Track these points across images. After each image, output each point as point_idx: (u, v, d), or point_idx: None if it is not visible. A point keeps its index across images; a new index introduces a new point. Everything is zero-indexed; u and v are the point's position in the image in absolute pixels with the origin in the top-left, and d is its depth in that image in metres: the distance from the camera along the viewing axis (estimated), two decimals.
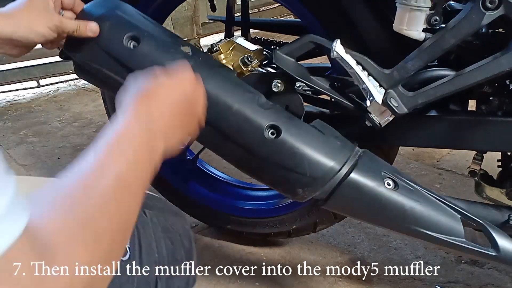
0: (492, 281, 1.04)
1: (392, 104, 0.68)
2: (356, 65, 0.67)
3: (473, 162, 0.83)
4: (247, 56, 0.77)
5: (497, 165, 0.83)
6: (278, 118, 0.69)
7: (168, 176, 1.16)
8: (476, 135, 0.76)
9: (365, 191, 0.67)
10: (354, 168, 0.68)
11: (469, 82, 0.66)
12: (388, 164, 0.73)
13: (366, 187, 0.67)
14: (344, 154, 0.69)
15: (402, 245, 1.16)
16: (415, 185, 0.70)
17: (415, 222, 0.67)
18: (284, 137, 0.68)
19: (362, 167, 0.68)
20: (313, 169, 0.67)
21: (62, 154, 1.75)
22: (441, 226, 0.67)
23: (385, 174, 0.69)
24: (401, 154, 1.53)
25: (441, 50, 0.66)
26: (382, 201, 0.67)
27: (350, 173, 0.68)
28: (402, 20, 0.67)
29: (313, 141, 0.69)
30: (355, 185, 0.67)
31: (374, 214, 0.69)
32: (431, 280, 1.04)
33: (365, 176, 0.68)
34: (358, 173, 0.68)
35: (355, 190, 0.67)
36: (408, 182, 0.70)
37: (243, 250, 1.18)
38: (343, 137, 0.72)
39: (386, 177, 0.69)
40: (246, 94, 0.70)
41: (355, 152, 0.70)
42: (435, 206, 0.68)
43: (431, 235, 0.67)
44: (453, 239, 0.67)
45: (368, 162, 0.70)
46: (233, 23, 1.01)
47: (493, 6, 0.61)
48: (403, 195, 0.68)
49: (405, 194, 0.68)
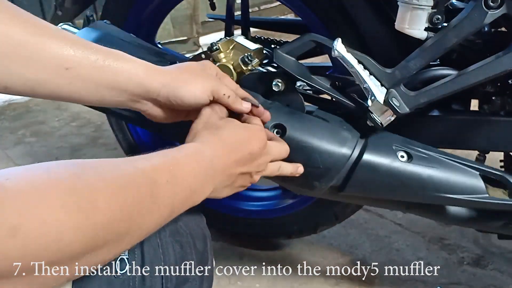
0: (494, 282, 1.03)
1: (393, 103, 0.67)
2: (357, 64, 0.67)
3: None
4: (247, 55, 0.77)
5: (499, 165, 0.83)
6: (280, 116, 0.68)
7: None
8: (479, 135, 0.75)
9: (381, 169, 0.67)
10: (365, 148, 0.68)
11: (472, 82, 0.65)
12: (398, 136, 0.73)
13: (381, 165, 0.67)
14: (352, 137, 0.69)
15: (404, 246, 1.15)
16: (428, 151, 0.69)
17: (436, 189, 0.67)
18: (290, 134, 0.67)
19: (373, 146, 0.68)
20: (325, 160, 0.67)
21: (61, 155, 1.74)
22: (462, 186, 0.67)
23: (397, 147, 0.69)
24: None
25: (443, 49, 0.65)
26: (399, 175, 0.67)
27: (363, 154, 0.67)
28: (404, 18, 0.66)
29: (319, 132, 0.68)
30: (370, 165, 0.67)
31: (393, 190, 0.69)
32: (432, 282, 1.04)
33: (378, 154, 0.68)
34: (370, 152, 0.68)
35: (371, 170, 0.67)
36: (421, 150, 0.69)
37: (243, 252, 1.17)
38: (346, 122, 0.72)
39: (399, 150, 0.69)
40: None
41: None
42: (452, 168, 0.68)
43: (454, 198, 0.67)
44: (477, 197, 0.67)
45: (378, 140, 0.70)
46: (233, 21, 1.00)
47: (495, 5, 0.61)
48: (419, 164, 0.67)
49: (420, 163, 0.67)
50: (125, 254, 0.47)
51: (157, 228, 0.42)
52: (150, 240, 0.50)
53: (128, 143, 1.15)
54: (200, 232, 0.58)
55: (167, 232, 0.53)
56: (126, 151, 1.17)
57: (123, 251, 0.41)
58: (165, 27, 2.40)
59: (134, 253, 0.48)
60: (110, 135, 1.20)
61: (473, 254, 1.11)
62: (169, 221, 0.43)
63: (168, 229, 0.53)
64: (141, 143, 1.15)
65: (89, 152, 1.75)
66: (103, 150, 1.75)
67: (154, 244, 0.50)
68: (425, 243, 1.16)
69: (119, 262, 0.46)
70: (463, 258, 1.11)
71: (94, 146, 1.77)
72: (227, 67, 0.78)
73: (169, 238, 0.52)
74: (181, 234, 0.54)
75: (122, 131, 1.14)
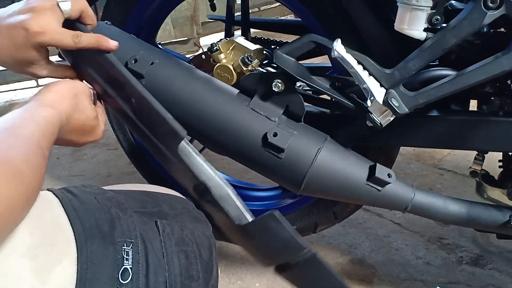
0: (493, 282, 1.03)
1: (393, 104, 0.67)
2: (357, 65, 0.67)
3: (475, 162, 0.83)
4: (247, 55, 0.77)
5: (498, 165, 0.83)
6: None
7: (166, 174, 1.15)
8: (478, 135, 0.76)
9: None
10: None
11: (470, 82, 0.66)
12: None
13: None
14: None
15: (403, 246, 1.16)
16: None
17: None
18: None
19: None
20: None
21: (61, 154, 1.75)
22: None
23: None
24: (402, 155, 1.53)
25: (442, 49, 0.65)
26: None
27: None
28: (403, 19, 0.66)
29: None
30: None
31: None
32: (431, 281, 1.04)
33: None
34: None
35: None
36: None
37: (243, 251, 1.17)
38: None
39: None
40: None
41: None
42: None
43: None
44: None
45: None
46: (233, 22, 1.01)
47: (494, 5, 0.61)
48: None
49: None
50: (129, 264, 0.47)
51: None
52: (155, 250, 0.50)
53: (129, 143, 1.16)
54: (206, 241, 0.58)
55: (172, 241, 0.52)
56: (126, 151, 1.18)
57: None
58: (166, 28, 2.40)
59: (138, 262, 0.47)
60: (111, 135, 1.20)
61: (472, 254, 1.12)
62: (41, 157, 0.43)
63: (174, 238, 0.53)
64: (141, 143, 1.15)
65: (90, 152, 1.75)
66: (103, 150, 1.76)
67: (159, 253, 0.50)
68: (424, 242, 1.16)
69: (122, 272, 0.46)
70: (462, 257, 1.11)
71: (94, 147, 1.77)
72: (227, 68, 0.79)
73: (175, 248, 0.52)
74: (186, 244, 0.54)
75: (123, 131, 1.14)
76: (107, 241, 0.47)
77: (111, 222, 0.49)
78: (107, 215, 0.49)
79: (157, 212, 0.56)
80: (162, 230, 0.53)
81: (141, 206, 0.55)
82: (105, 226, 0.48)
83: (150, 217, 0.54)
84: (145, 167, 1.18)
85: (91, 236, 0.46)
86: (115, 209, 0.51)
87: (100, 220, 0.48)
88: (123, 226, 0.49)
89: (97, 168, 1.63)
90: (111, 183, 1.51)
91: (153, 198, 0.59)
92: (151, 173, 1.18)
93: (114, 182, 1.52)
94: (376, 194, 0.71)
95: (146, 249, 0.49)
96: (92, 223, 0.47)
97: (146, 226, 0.52)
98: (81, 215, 0.47)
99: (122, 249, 0.47)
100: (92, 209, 0.49)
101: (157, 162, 1.16)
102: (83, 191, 0.52)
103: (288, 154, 0.70)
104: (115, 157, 1.68)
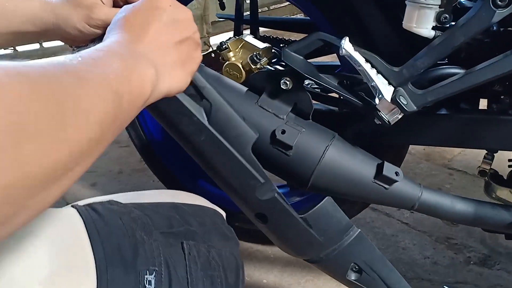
0: (501, 282, 1.03)
1: (401, 102, 0.68)
2: (365, 63, 0.67)
3: (484, 161, 0.82)
4: (256, 54, 0.78)
5: (508, 164, 0.82)
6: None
7: (176, 172, 1.17)
8: (487, 134, 0.75)
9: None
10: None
11: (480, 80, 0.65)
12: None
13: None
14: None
15: (411, 245, 1.16)
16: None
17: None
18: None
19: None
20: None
21: None
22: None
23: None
24: (412, 154, 1.52)
25: (451, 48, 0.65)
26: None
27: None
28: (411, 17, 0.66)
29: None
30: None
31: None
32: (439, 281, 1.04)
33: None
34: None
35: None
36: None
37: (251, 248, 1.18)
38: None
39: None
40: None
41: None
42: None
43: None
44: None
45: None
46: (242, 21, 1.02)
47: (503, 3, 0.61)
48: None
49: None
50: None
51: (110, 117, 0.33)
52: (179, 277, 0.48)
53: (141, 140, 1.17)
54: (233, 262, 0.55)
55: (198, 265, 0.50)
56: (138, 148, 1.19)
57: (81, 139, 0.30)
58: None
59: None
60: (123, 132, 1.22)
61: (480, 254, 1.11)
62: (119, 109, 0.34)
63: (200, 262, 0.51)
64: (153, 140, 1.17)
65: None
66: (115, 147, 1.78)
67: (183, 281, 0.48)
68: (432, 242, 1.16)
69: None
70: (470, 257, 1.10)
71: None
72: (236, 66, 0.80)
73: (200, 273, 0.50)
74: (212, 268, 0.52)
75: (134, 128, 1.16)
76: (129, 269, 0.45)
77: (135, 247, 0.46)
78: (131, 239, 0.47)
79: (184, 232, 0.53)
80: (188, 252, 0.51)
81: (167, 225, 0.53)
82: (128, 252, 0.45)
83: (176, 238, 0.52)
84: (157, 164, 1.19)
85: (112, 263, 0.44)
86: (140, 231, 0.48)
87: (123, 245, 0.46)
88: (147, 253, 0.47)
89: (109, 165, 1.65)
90: (123, 180, 1.55)
91: (181, 213, 0.56)
92: (162, 170, 1.19)
93: (126, 179, 1.54)
94: (383, 192, 0.72)
95: (170, 275, 0.47)
96: (114, 248, 0.45)
97: (171, 249, 0.50)
98: (104, 240, 0.45)
99: (144, 278, 0.45)
100: (116, 233, 0.46)
101: (168, 159, 1.18)
102: (108, 209, 0.49)
103: (296, 151, 0.70)
104: (127, 154, 1.70)
